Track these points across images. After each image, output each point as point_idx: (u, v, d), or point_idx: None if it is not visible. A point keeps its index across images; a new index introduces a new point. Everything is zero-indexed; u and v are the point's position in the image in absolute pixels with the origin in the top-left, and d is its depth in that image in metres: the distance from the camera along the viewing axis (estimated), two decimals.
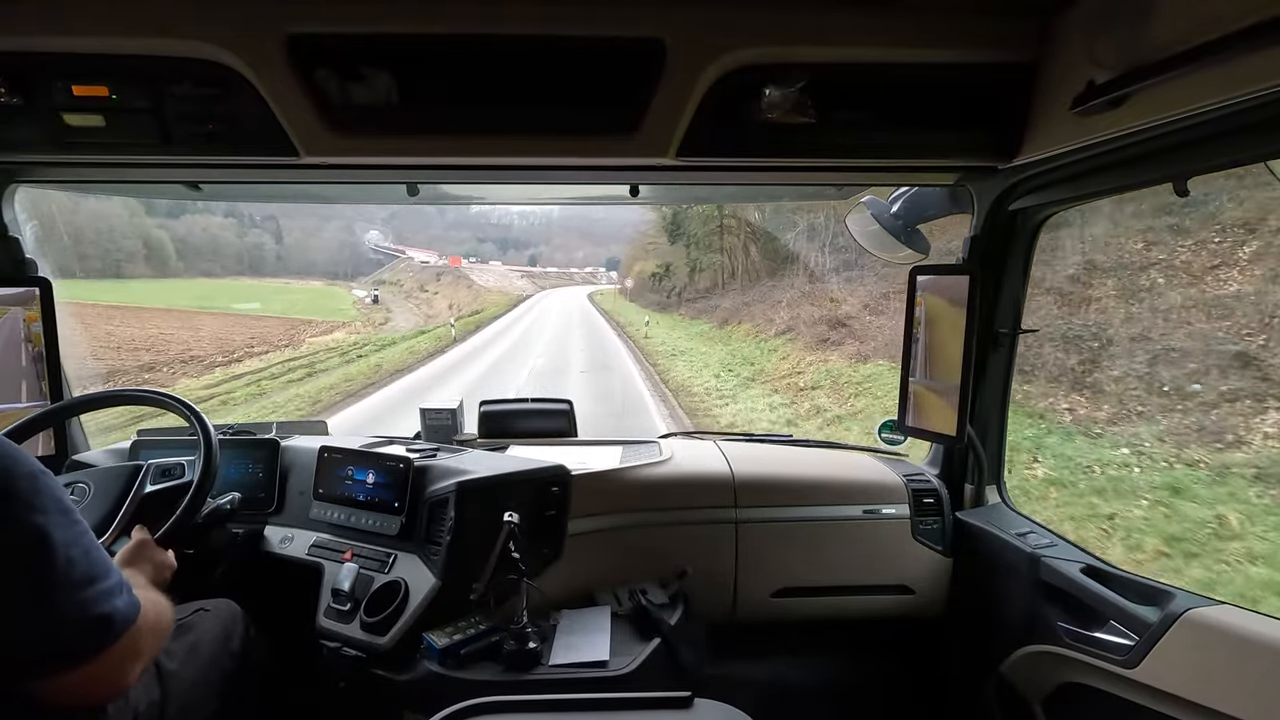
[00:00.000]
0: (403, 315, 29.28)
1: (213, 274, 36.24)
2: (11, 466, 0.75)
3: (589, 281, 58.57)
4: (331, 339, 20.72)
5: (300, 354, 17.28)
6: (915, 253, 1.71)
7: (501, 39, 1.16)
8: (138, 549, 1.14)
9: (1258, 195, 5.71)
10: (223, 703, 1.17)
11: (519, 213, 65.12)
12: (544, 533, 1.52)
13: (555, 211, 65.74)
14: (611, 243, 66.81)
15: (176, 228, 34.81)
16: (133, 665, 0.84)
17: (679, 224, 22.94)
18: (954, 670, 1.73)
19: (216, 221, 38.30)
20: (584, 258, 70.91)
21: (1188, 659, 1.10)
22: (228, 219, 38.95)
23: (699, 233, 21.73)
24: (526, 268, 62.56)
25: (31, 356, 1.55)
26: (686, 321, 20.52)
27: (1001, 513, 1.68)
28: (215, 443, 1.33)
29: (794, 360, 12.13)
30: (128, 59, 1.16)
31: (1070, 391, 6.14)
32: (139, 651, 0.84)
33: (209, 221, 37.57)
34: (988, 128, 1.27)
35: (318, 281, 40.13)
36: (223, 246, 39.08)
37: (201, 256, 36.78)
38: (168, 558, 1.18)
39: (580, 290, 49.16)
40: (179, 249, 34.16)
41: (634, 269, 32.49)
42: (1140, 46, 0.95)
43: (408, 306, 32.62)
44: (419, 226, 63.57)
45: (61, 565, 0.75)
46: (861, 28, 1.16)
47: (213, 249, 38.06)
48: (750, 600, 1.70)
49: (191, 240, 36.14)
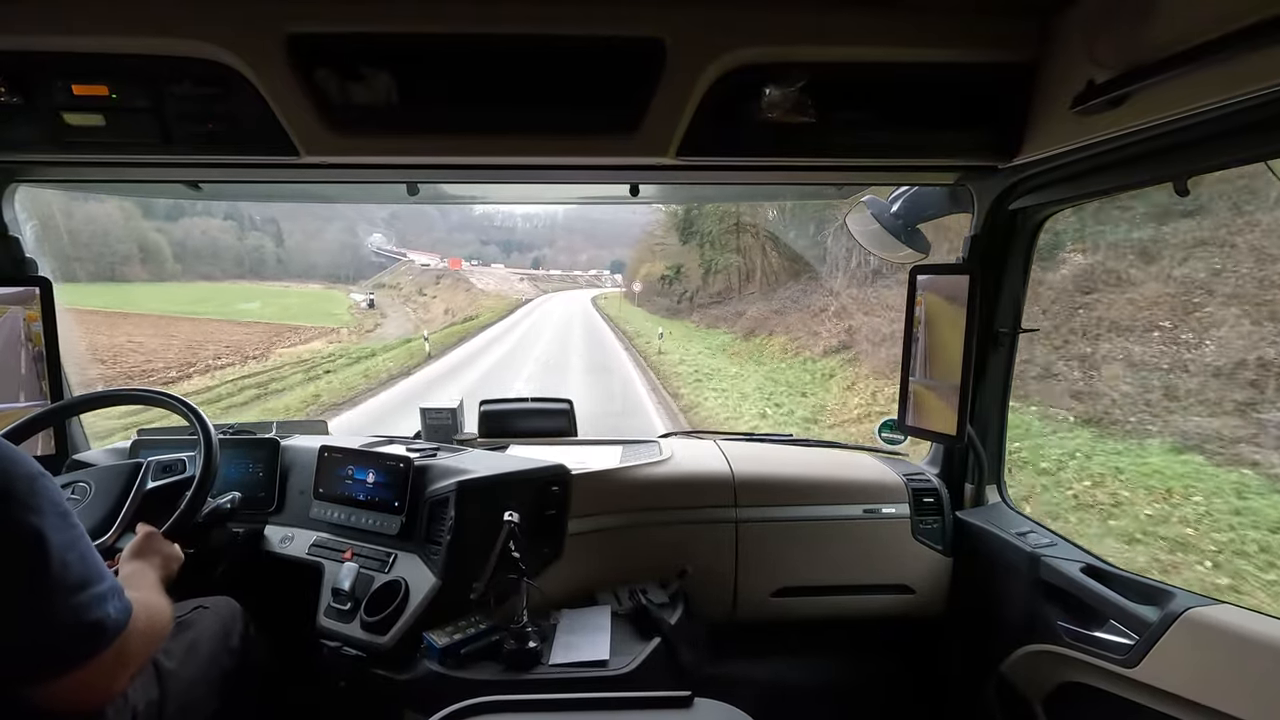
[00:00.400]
0: (396, 321, 27.88)
1: (212, 277, 35.67)
2: (10, 468, 0.75)
3: (593, 285, 57.14)
4: (307, 349, 18.36)
5: (263, 368, 15.06)
6: (915, 252, 1.71)
7: (501, 39, 1.16)
8: (145, 542, 1.14)
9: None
10: (222, 702, 1.17)
11: (523, 215, 63.71)
12: (544, 532, 1.52)
13: (559, 214, 64.04)
14: (616, 245, 65.75)
15: (174, 231, 34.30)
16: (123, 671, 0.84)
17: (691, 222, 20.87)
18: (954, 670, 1.73)
19: (216, 224, 37.62)
20: (588, 260, 69.89)
21: (1188, 658, 1.10)
22: (228, 221, 38.30)
23: (713, 231, 19.42)
24: (529, 270, 61.83)
25: (31, 356, 1.55)
26: (703, 331, 17.98)
27: (1001, 512, 1.68)
28: (215, 442, 1.33)
29: (865, 391, 9.05)
30: (128, 59, 1.16)
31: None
32: (130, 657, 0.84)
33: (208, 224, 36.89)
34: (988, 127, 1.27)
35: (317, 285, 39.13)
36: (222, 249, 38.49)
37: (201, 259, 36.20)
38: (175, 550, 1.19)
39: (584, 294, 47.63)
40: (177, 252, 33.66)
41: (641, 271, 30.57)
42: (1140, 46, 0.95)
43: (404, 311, 31.58)
44: (422, 229, 62.71)
45: (57, 568, 0.75)
46: (862, 27, 1.16)
47: (212, 252, 37.47)
48: (750, 600, 1.70)
49: (190, 243, 35.61)
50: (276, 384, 13.22)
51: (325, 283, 40.24)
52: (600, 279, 59.83)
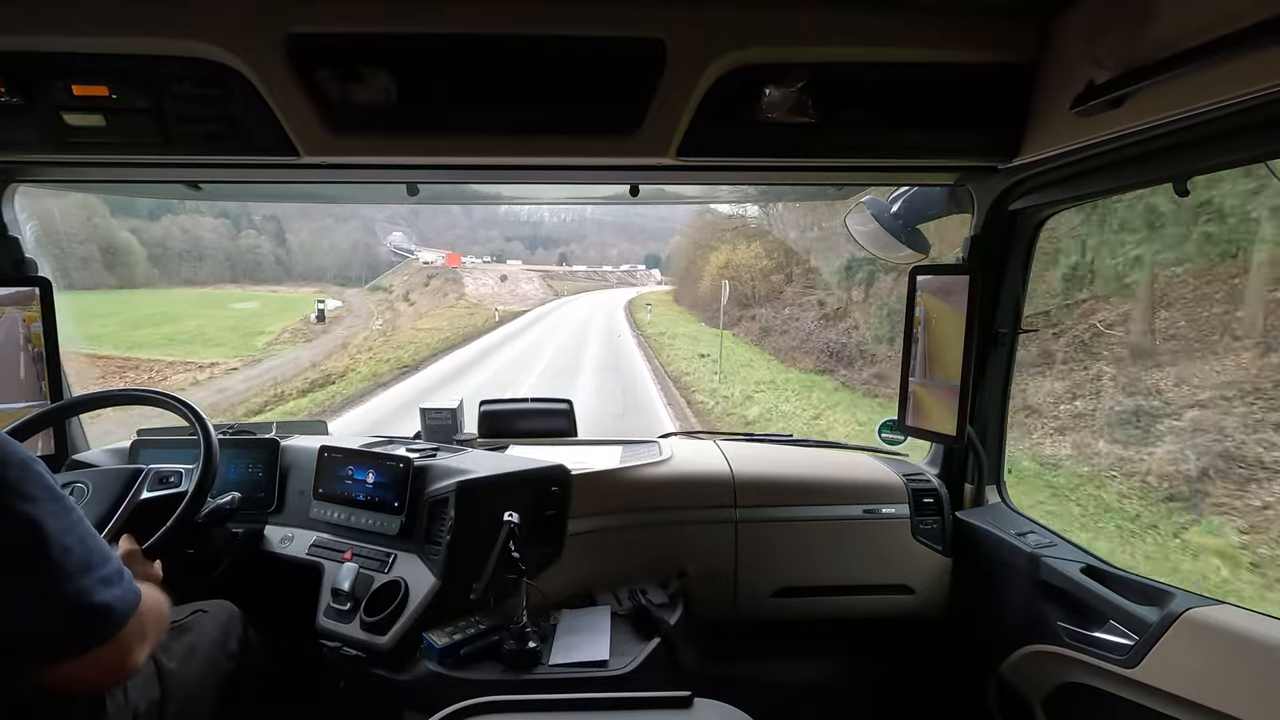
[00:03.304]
0: (329, 342, 21.21)
1: (197, 281, 32.35)
2: (1, 456, 0.74)
3: (626, 282, 48.17)
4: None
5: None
6: (915, 253, 1.71)
7: (501, 39, 1.16)
8: (123, 556, 1.08)
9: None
10: (222, 702, 1.17)
11: (550, 210, 58.89)
12: (544, 532, 1.52)
13: (588, 208, 62.70)
14: (649, 239, 61.93)
15: (152, 230, 31.05)
16: (138, 650, 0.83)
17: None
18: (954, 670, 1.73)
19: (206, 223, 34.41)
20: (618, 255, 64.91)
21: (1187, 659, 1.10)
22: (219, 220, 35.40)
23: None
24: (549, 267, 56.00)
25: (31, 356, 1.55)
26: (863, 399, 9.53)
27: (1001, 513, 1.68)
28: (215, 442, 1.33)
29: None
30: (128, 59, 1.16)
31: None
32: (143, 636, 0.83)
33: (195, 223, 33.57)
34: (988, 128, 1.27)
35: (310, 288, 34.68)
36: (210, 250, 35.24)
37: (184, 261, 33.06)
38: (153, 570, 1.12)
39: (615, 295, 36.66)
40: (156, 254, 30.35)
41: (707, 264, 19.10)
42: (1140, 46, 0.95)
43: (360, 325, 24.80)
44: (444, 226, 59.33)
45: (57, 554, 0.74)
46: (861, 28, 1.16)
47: (198, 253, 34.23)
48: (750, 600, 1.70)
49: (171, 244, 32.42)
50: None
51: (334, 285, 37.41)
52: (634, 275, 53.04)
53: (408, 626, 1.33)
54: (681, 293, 22.16)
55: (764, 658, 1.78)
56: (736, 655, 1.72)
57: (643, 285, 45.21)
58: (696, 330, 16.14)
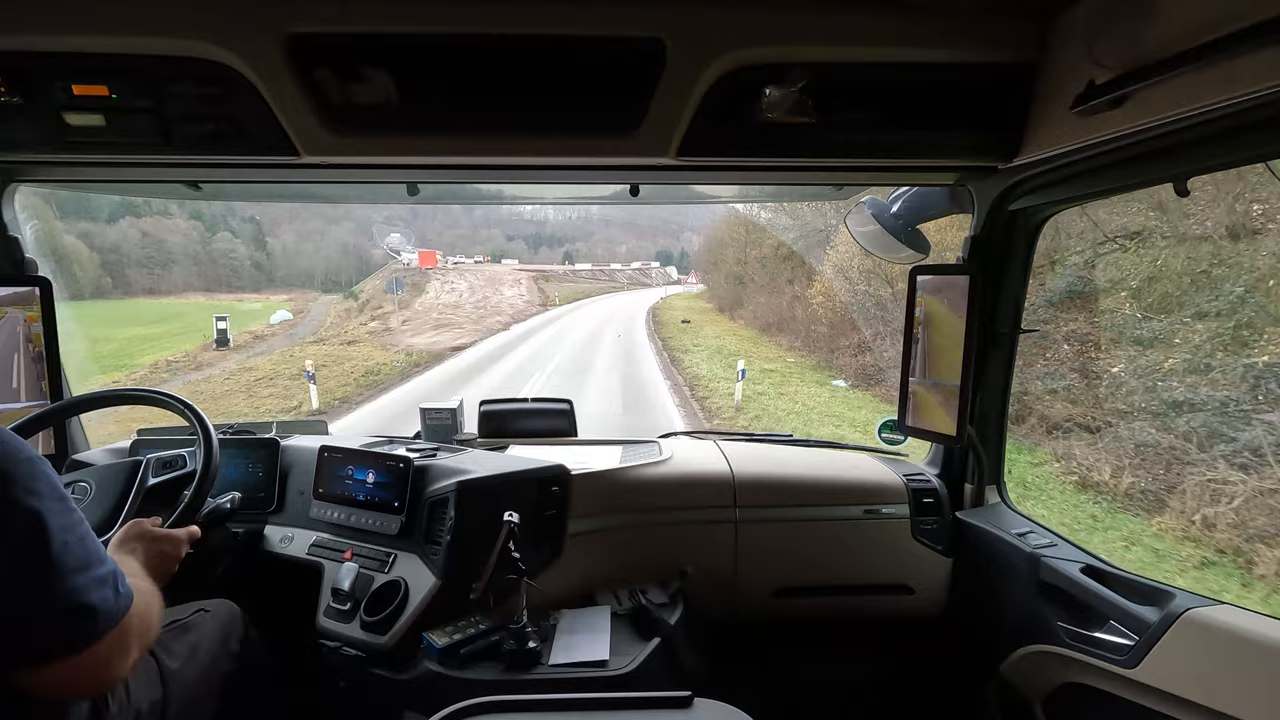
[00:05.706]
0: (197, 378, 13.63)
1: (160, 291, 28.63)
2: (10, 451, 0.75)
3: (638, 283, 40.32)
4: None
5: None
6: (915, 253, 1.71)
7: (501, 39, 1.16)
8: (126, 533, 1.11)
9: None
10: (224, 702, 1.17)
11: (554, 208, 56.14)
12: (544, 532, 1.52)
13: (594, 205, 60.99)
14: (659, 235, 58.86)
15: (107, 234, 27.60)
16: (123, 658, 0.82)
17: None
18: (954, 670, 1.73)
19: (174, 225, 30.44)
20: (628, 252, 60.54)
21: (1187, 659, 1.10)
22: (191, 222, 31.45)
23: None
24: (550, 266, 50.12)
25: (31, 356, 1.55)
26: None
27: (1001, 513, 1.68)
28: (215, 442, 1.34)
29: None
30: (128, 59, 1.16)
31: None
32: (128, 644, 0.82)
33: (159, 226, 29.57)
34: (988, 128, 1.27)
35: (281, 295, 30.35)
36: (178, 256, 31.49)
37: (144, 269, 29.55)
38: (173, 543, 1.14)
39: (629, 300, 29.28)
40: (110, 261, 26.91)
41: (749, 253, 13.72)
42: (1140, 46, 0.95)
43: (282, 345, 18.73)
44: (444, 226, 56.88)
45: (56, 550, 0.74)
46: (861, 28, 1.16)
47: (162, 260, 30.60)
48: (750, 600, 1.70)
49: (128, 249, 28.59)
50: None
51: (319, 291, 33.91)
52: (647, 274, 46.30)
53: (408, 626, 1.33)
54: (721, 295, 15.95)
55: (764, 658, 1.78)
56: (736, 655, 1.72)
57: (658, 286, 38.46)
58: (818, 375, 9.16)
